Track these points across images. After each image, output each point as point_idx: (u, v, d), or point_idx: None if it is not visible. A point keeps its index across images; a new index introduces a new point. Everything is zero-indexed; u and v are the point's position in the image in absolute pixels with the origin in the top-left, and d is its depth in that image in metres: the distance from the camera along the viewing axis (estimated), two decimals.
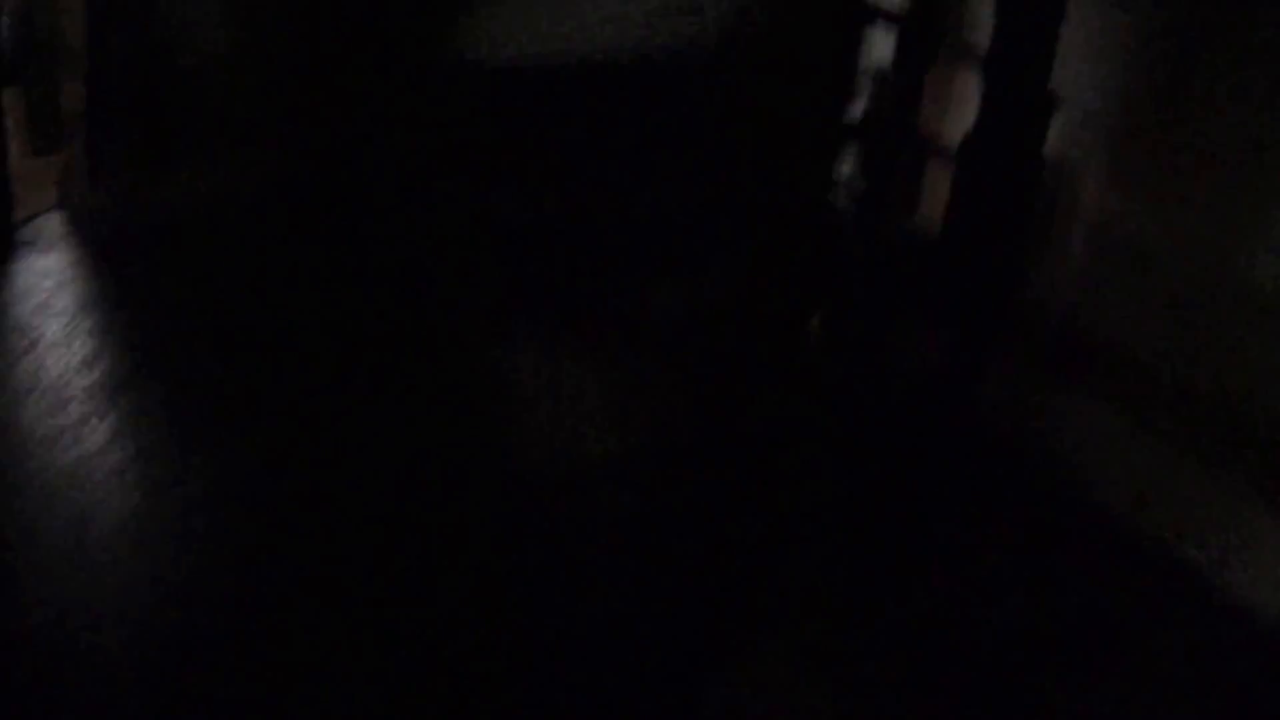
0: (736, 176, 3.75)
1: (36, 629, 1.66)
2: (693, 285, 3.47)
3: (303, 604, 1.82)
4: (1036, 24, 3.95)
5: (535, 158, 3.40)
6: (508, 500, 2.23)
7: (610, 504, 2.26)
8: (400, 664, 1.69)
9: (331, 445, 2.29)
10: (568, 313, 3.26)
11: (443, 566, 1.97)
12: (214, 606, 1.79)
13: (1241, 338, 4.00)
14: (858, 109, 4.36)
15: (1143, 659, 1.99)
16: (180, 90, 3.99)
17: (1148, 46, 4.58)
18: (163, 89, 4.00)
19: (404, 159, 3.45)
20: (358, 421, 2.41)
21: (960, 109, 4.11)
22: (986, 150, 4.06)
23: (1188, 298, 4.31)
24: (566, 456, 2.42)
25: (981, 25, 3.32)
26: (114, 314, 2.78)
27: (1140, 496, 3.04)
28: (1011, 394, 4.26)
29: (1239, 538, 2.93)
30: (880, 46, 4.01)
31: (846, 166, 4.81)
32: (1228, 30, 4.16)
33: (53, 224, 3.66)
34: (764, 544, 2.23)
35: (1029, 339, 4.21)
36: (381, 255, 3.35)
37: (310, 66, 3.83)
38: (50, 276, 3.04)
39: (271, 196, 3.75)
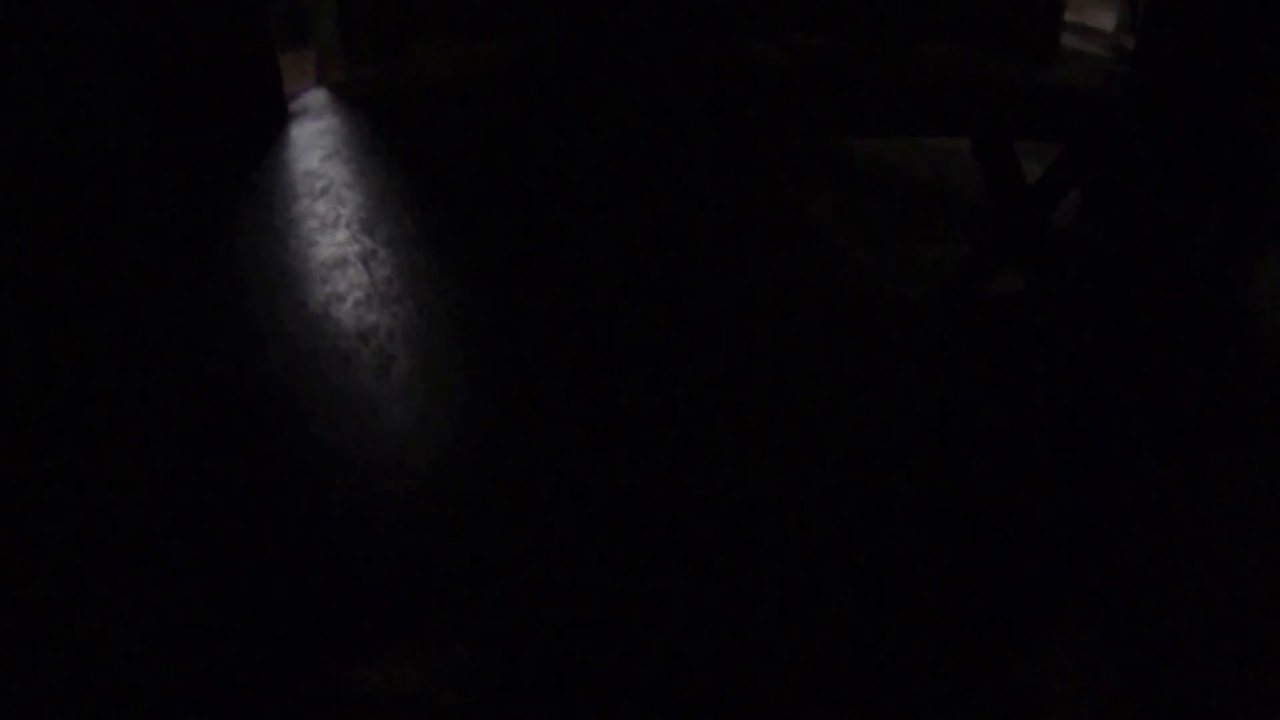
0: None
1: (337, 461, 1.78)
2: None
3: (585, 452, 1.85)
4: None
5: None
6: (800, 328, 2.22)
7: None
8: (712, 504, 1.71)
9: (605, 282, 2.35)
10: (855, 172, 3.22)
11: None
12: (503, 462, 1.80)
13: None
14: None
15: None
16: None
17: None
18: None
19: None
20: (628, 255, 2.45)
21: None
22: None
23: None
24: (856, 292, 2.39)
25: None
26: (389, 161, 2.95)
27: None
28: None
29: None
30: None
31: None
32: None
33: (318, 97, 3.91)
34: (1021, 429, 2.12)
35: None
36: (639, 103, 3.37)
37: None
38: (330, 134, 3.25)
39: (512, 69, 3.88)
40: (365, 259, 2.29)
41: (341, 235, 2.43)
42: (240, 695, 1.23)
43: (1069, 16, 4.27)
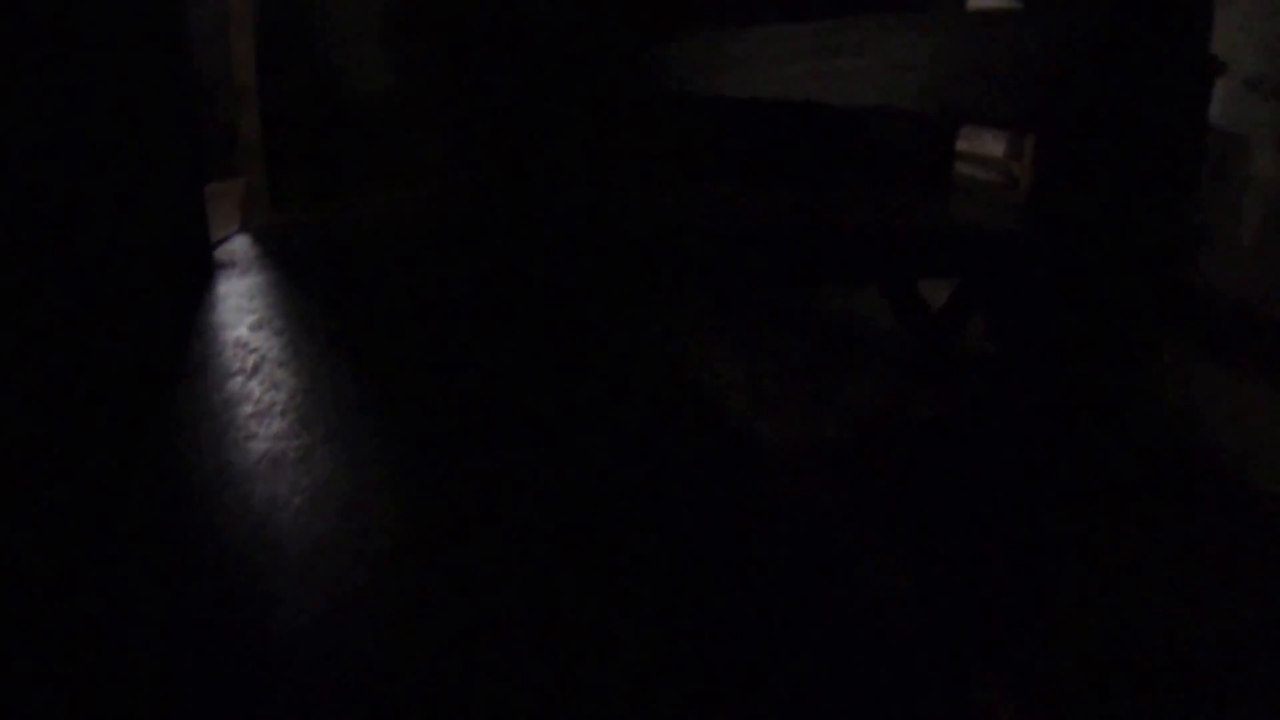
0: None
1: (221, 608, 1.82)
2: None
3: (474, 595, 1.93)
4: None
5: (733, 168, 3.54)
6: (704, 485, 2.33)
7: (804, 490, 2.34)
8: (588, 655, 1.79)
9: (507, 440, 2.44)
10: (764, 315, 3.38)
11: (629, 555, 2.07)
12: (388, 607, 1.87)
13: None
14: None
15: None
16: (344, 125, 4.30)
17: None
18: (329, 124, 4.32)
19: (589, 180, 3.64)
20: (532, 412, 2.55)
21: None
22: (1141, 118, 3.95)
23: None
24: (759, 446, 2.51)
25: None
26: (321, 333, 3.01)
27: None
28: (1178, 380, 4.15)
29: None
30: None
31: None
32: None
33: (245, 246, 3.95)
34: (943, 532, 2.27)
35: (1198, 323, 4.09)
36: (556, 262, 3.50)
37: (473, 101, 4.10)
38: (260, 295, 3.30)
39: (435, 217, 3.99)
40: (305, 457, 2.34)
41: (278, 425, 2.47)
42: None
43: (961, 145, 4.59)
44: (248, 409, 2.56)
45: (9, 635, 1.84)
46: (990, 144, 5.22)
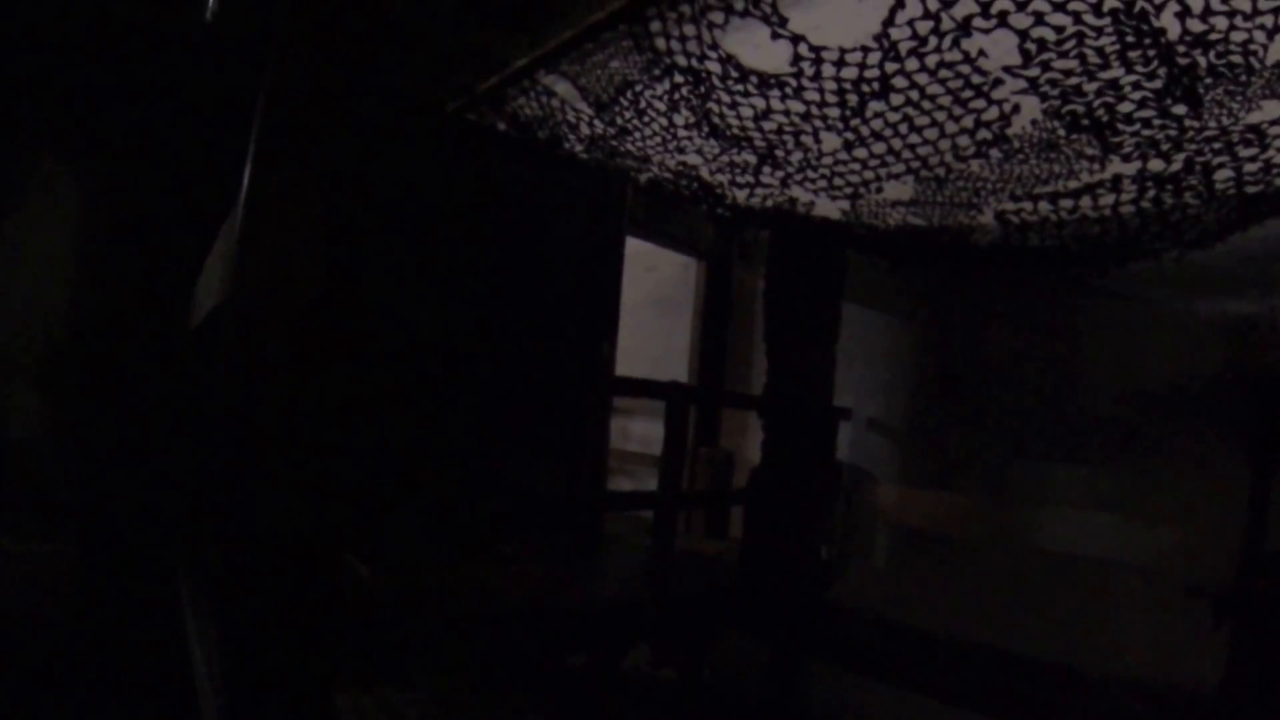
0: None
1: None
2: None
3: None
4: (813, 346, 4.45)
5: None
6: None
7: None
8: None
9: None
10: None
11: None
12: None
13: (1005, 595, 4.38)
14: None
15: None
16: None
17: (919, 351, 5.22)
18: None
19: None
20: None
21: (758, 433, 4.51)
22: (780, 465, 4.38)
23: (976, 573, 4.69)
24: None
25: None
26: None
27: None
28: (832, 691, 4.35)
29: None
30: None
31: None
32: (990, 333, 4.83)
33: None
34: None
35: (845, 636, 4.37)
36: None
37: None
38: None
39: None
40: None
41: None
42: None
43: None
44: None
45: None
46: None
